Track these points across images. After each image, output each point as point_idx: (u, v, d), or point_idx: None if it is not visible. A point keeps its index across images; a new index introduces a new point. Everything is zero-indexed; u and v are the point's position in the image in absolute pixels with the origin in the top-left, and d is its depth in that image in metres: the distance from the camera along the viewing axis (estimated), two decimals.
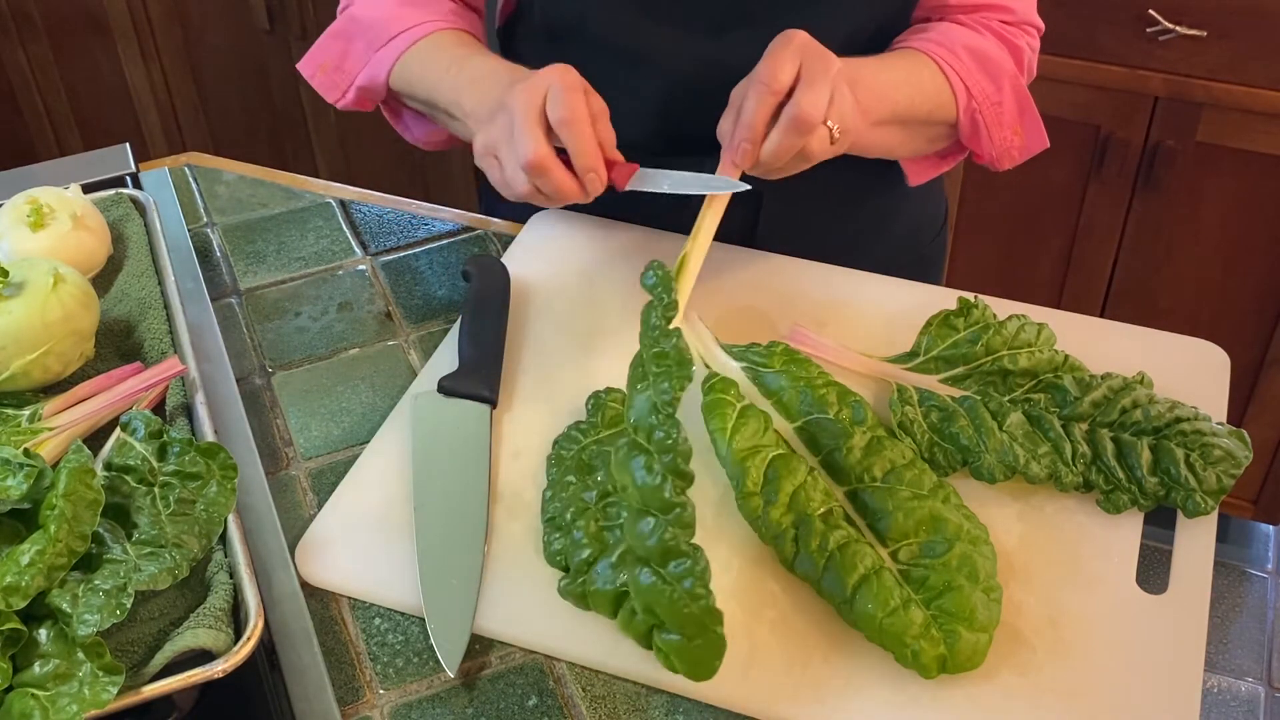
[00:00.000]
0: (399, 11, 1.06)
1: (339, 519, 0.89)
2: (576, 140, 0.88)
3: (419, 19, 1.06)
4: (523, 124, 0.88)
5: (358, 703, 0.79)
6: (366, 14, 1.07)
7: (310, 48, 1.11)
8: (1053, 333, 0.95)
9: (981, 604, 0.77)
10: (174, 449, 0.81)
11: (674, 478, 0.74)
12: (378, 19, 1.06)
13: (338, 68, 1.09)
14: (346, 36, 1.09)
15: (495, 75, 0.97)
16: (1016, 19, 1.09)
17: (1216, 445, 0.87)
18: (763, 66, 0.90)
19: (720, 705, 0.78)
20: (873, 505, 0.83)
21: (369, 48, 1.06)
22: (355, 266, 1.14)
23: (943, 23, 1.07)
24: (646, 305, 0.87)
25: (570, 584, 0.81)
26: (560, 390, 0.97)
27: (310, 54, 1.11)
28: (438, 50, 1.04)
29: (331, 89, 1.10)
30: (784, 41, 0.91)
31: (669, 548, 0.73)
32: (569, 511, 0.84)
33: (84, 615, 0.71)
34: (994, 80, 1.05)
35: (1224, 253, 1.83)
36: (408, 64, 1.04)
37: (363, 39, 1.07)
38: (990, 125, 1.05)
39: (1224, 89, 1.69)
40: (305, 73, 1.11)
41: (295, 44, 2.26)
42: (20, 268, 0.93)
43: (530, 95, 0.89)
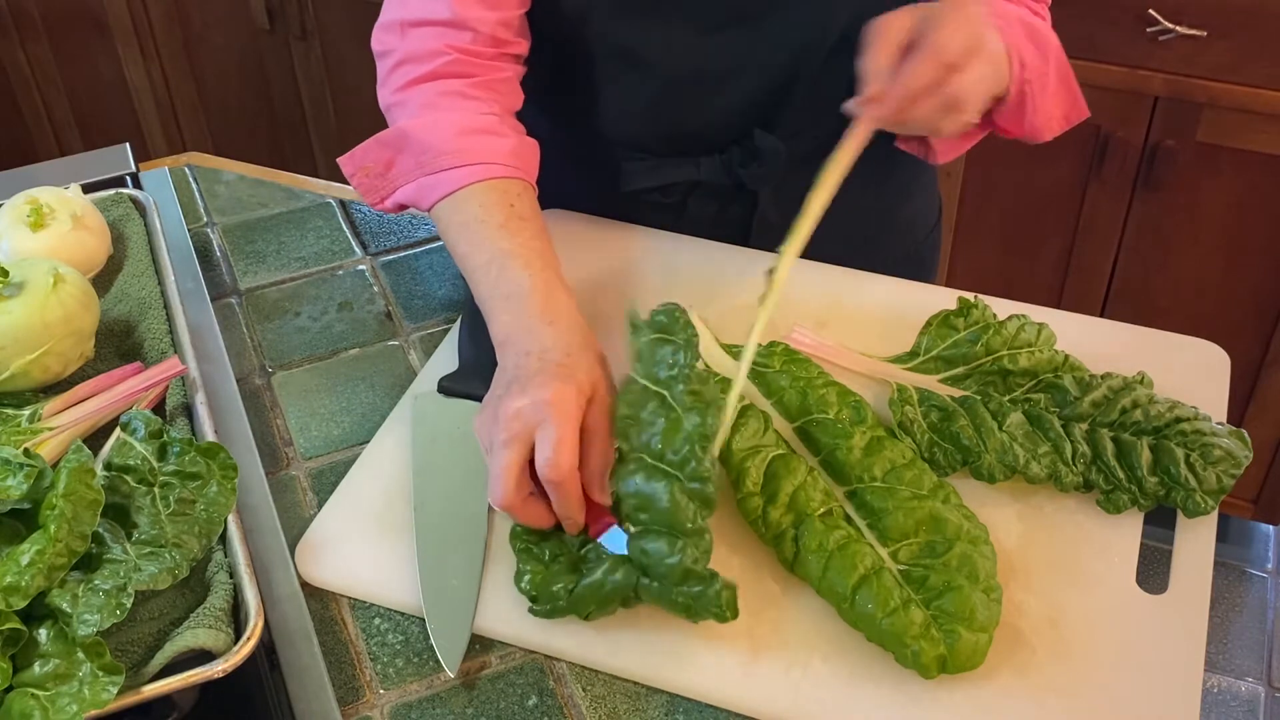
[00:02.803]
0: (455, 141, 0.97)
1: (339, 519, 0.89)
2: (560, 501, 0.81)
3: (473, 158, 0.96)
4: (503, 469, 0.80)
5: (358, 703, 0.79)
6: (420, 135, 0.98)
7: (355, 148, 1.03)
8: (1053, 333, 0.95)
9: (981, 604, 0.77)
10: (174, 449, 0.81)
11: (700, 505, 0.76)
12: (430, 143, 0.97)
13: (382, 175, 1.01)
14: (395, 148, 1.00)
15: (519, 331, 0.88)
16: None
17: (1216, 445, 0.87)
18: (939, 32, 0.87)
19: (720, 705, 0.78)
20: (873, 505, 0.83)
21: (418, 168, 0.98)
22: (355, 266, 1.14)
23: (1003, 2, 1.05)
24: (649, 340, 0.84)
25: (539, 609, 0.80)
26: None
27: (354, 154, 1.02)
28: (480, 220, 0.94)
29: (371, 193, 1.02)
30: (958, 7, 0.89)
31: (689, 571, 0.75)
32: (546, 550, 0.82)
33: (84, 615, 0.71)
34: (1041, 52, 1.04)
35: (1224, 253, 1.83)
36: (449, 212, 0.96)
37: (413, 156, 0.98)
38: (1037, 97, 1.04)
39: (1224, 89, 1.69)
40: (346, 170, 1.03)
41: (295, 44, 2.26)
42: (20, 268, 0.93)
43: (516, 431, 0.81)
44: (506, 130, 1.00)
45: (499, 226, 0.94)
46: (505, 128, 1.00)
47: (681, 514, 0.75)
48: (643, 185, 1.12)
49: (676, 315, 0.85)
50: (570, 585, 0.79)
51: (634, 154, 1.12)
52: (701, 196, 1.13)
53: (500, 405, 0.83)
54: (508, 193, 0.96)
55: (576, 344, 0.86)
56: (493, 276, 0.92)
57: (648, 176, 1.12)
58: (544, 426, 0.80)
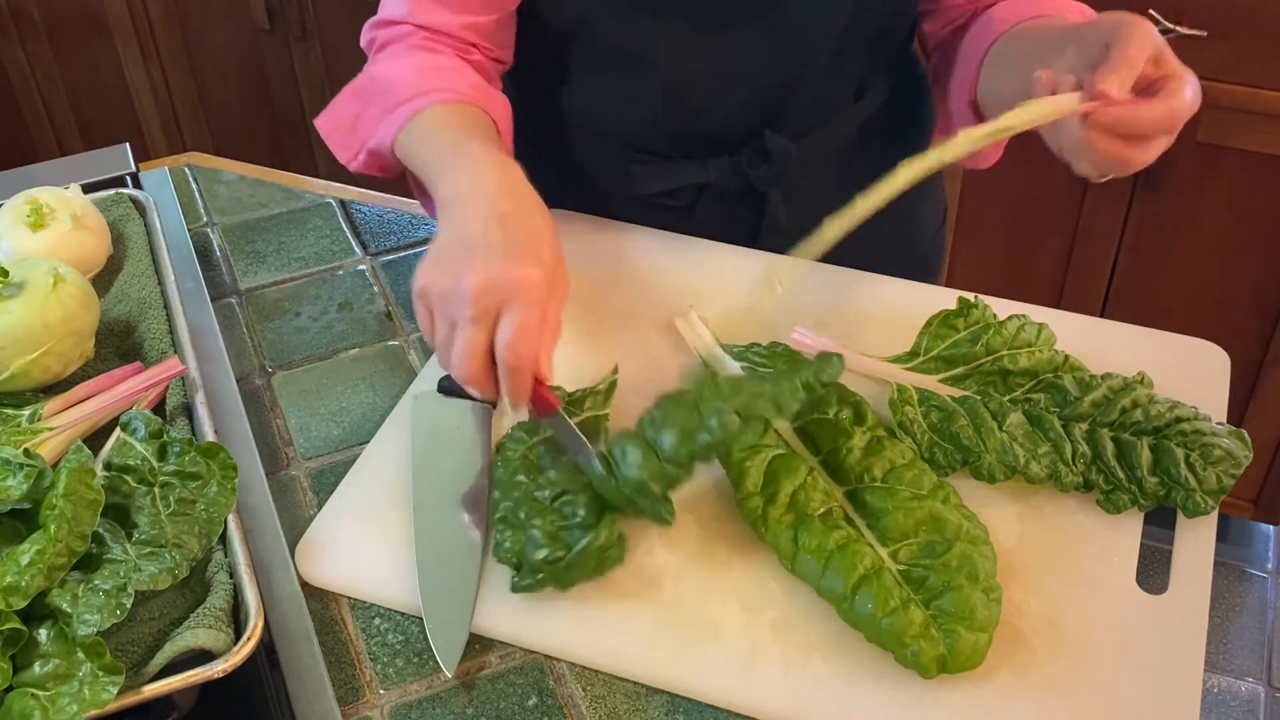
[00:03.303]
0: (416, 76, 0.98)
1: (339, 519, 0.89)
2: (512, 385, 0.81)
3: (433, 86, 0.97)
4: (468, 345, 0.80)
5: (358, 703, 0.79)
6: (385, 75, 1.00)
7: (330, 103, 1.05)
8: (1053, 333, 0.95)
9: (981, 604, 0.77)
10: (174, 449, 0.81)
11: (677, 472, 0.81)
12: (393, 81, 0.99)
13: (351, 128, 1.02)
14: (363, 97, 1.02)
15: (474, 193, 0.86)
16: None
17: (1216, 445, 0.87)
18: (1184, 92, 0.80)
19: (720, 705, 0.78)
20: (873, 505, 0.83)
21: (382, 111, 0.99)
22: (355, 266, 1.14)
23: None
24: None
25: (523, 580, 0.81)
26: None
27: (329, 110, 1.04)
28: (441, 125, 0.95)
29: (343, 149, 1.03)
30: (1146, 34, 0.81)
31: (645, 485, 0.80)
32: (522, 511, 0.83)
33: (84, 615, 0.71)
34: None
35: (1224, 253, 1.83)
36: (410, 132, 0.96)
37: (377, 101, 1.00)
38: None
39: (1224, 89, 1.69)
40: (322, 129, 1.04)
41: (295, 44, 2.26)
42: (20, 268, 0.93)
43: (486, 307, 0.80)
44: (469, 71, 1.01)
45: (460, 128, 0.93)
46: (468, 70, 1.01)
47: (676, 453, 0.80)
48: (652, 188, 1.12)
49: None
50: (551, 555, 0.80)
51: (643, 157, 1.12)
52: (710, 199, 1.13)
53: (466, 273, 0.80)
54: (466, 111, 0.96)
55: (539, 222, 0.85)
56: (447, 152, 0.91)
57: (657, 179, 1.12)
58: (511, 308, 0.79)
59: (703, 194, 1.13)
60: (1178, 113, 0.81)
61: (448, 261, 0.82)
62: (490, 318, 0.80)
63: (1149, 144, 0.82)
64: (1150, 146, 0.82)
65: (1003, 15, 1.03)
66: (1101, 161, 0.82)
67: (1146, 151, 0.82)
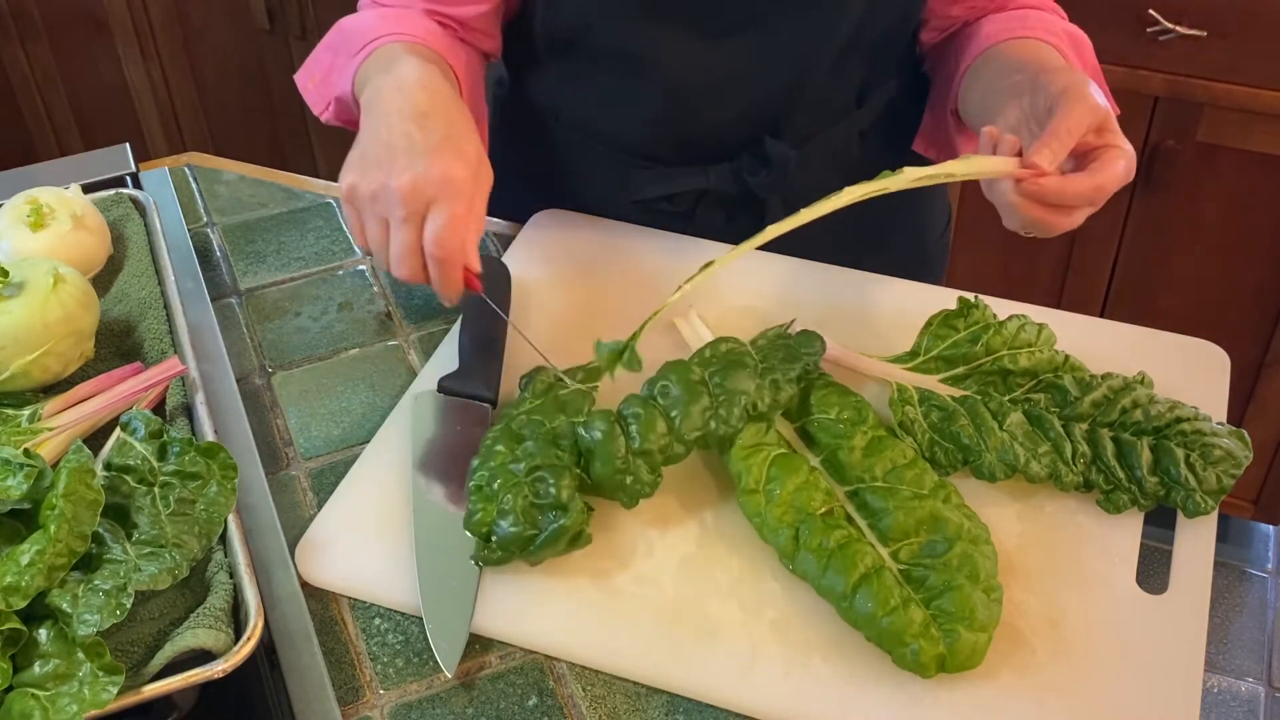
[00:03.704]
0: (379, 23, 1.01)
1: (339, 519, 0.89)
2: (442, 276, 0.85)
3: (395, 30, 0.99)
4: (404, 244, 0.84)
5: (358, 703, 0.79)
6: (351, 25, 1.03)
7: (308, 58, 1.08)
8: (1053, 333, 0.95)
9: (981, 604, 0.77)
10: (174, 449, 0.81)
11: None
12: (360, 29, 1.01)
13: (324, 80, 1.05)
14: (334, 49, 1.04)
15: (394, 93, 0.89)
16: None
17: (1216, 445, 0.87)
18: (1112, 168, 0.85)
19: (720, 705, 0.78)
20: (874, 504, 0.83)
21: (346, 58, 1.02)
22: (355, 266, 1.14)
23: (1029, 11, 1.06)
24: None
25: (491, 553, 0.82)
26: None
27: (305, 65, 1.07)
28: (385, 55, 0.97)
29: (318, 101, 1.06)
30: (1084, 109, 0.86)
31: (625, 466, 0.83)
32: (497, 481, 0.84)
33: (84, 615, 0.71)
34: (1083, 60, 1.05)
35: (1224, 253, 1.83)
36: (363, 70, 0.98)
37: (344, 50, 1.02)
38: None
39: (1224, 89, 1.69)
40: (300, 83, 1.08)
41: (295, 44, 2.26)
42: (20, 268, 0.93)
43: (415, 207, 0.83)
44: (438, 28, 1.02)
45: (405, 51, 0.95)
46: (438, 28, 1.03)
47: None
48: (652, 194, 1.12)
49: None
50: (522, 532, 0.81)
51: (643, 163, 1.12)
52: (710, 205, 1.13)
53: (392, 175, 0.83)
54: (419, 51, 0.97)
55: (458, 117, 0.87)
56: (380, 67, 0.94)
57: (657, 185, 1.12)
58: (438, 204, 0.83)
59: (702, 200, 1.13)
60: (1104, 188, 0.85)
61: (372, 163, 0.85)
62: (420, 216, 0.84)
63: (1073, 213, 0.86)
64: (1074, 215, 0.87)
65: (988, 31, 1.06)
66: (1026, 224, 0.87)
67: (1070, 219, 0.87)
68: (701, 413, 0.86)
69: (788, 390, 0.88)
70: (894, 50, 1.11)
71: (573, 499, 0.82)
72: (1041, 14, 1.05)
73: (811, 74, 1.04)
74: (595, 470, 0.84)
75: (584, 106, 1.11)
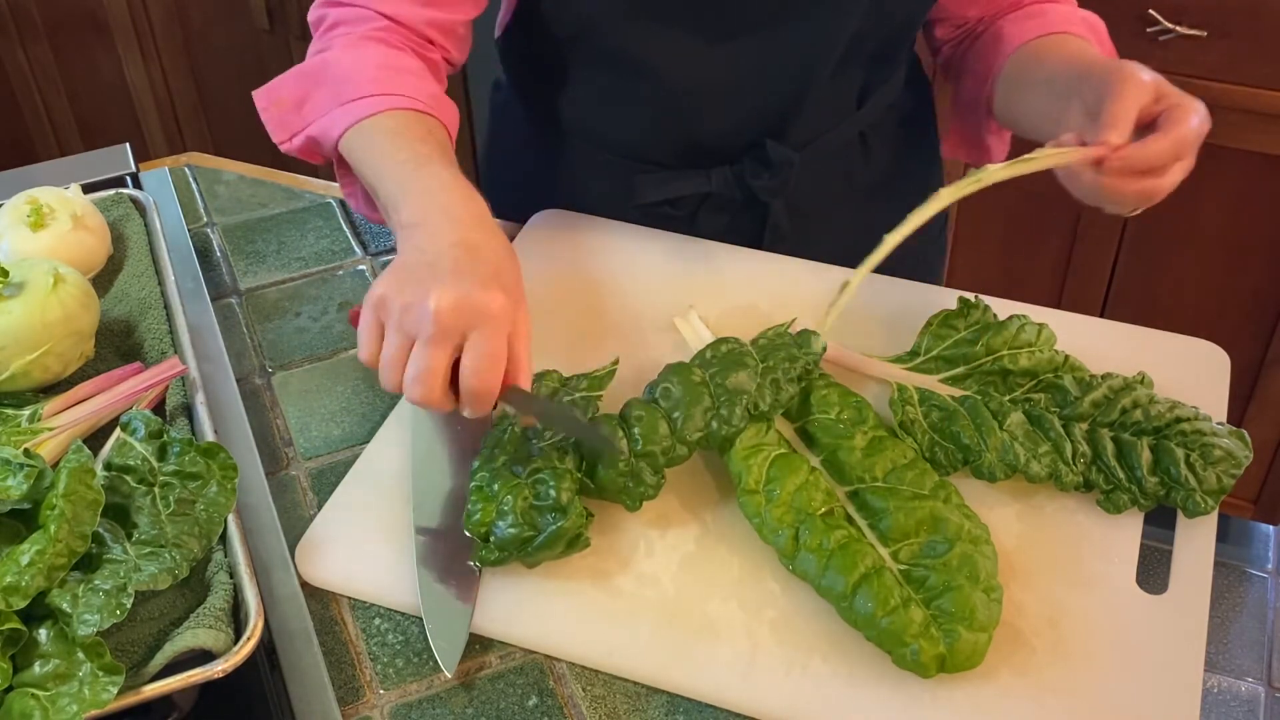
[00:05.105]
0: (375, 73, 0.94)
1: (339, 519, 0.89)
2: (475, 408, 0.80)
3: (393, 89, 0.94)
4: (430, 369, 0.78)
5: (358, 703, 0.79)
6: (340, 65, 0.96)
7: (273, 79, 1.00)
8: (1053, 333, 0.95)
9: (981, 604, 0.77)
10: (174, 449, 0.81)
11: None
12: (350, 73, 0.95)
13: (295, 109, 0.98)
14: (314, 80, 0.97)
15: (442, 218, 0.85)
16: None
17: (1216, 445, 0.87)
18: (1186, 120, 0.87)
19: (720, 705, 0.78)
20: (874, 505, 0.83)
21: (333, 99, 0.95)
22: (355, 266, 1.14)
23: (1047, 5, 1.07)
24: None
25: (489, 554, 0.82)
26: None
27: (271, 86, 1.00)
28: (400, 136, 0.91)
29: (281, 128, 0.99)
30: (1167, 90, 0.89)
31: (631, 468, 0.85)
32: (497, 483, 0.84)
33: (84, 615, 0.71)
34: (1101, 43, 1.06)
35: (1224, 253, 1.83)
36: (364, 132, 0.93)
37: (330, 88, 0.96)
38: None
39: (1224, 89, 1.69)
40: (259, 104, 1.00)
41: (295, 44, 2.26)
42: (20, 268, 0.93)
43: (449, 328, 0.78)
44: (429, 78, 0.98)
45: (417, 139, 0.91)
46: (428, 76, 0.98)
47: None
48: (654, 198, 1.11)
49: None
50: (520, 534, 0.81)
51: (645, 166, 1.12)
52: (712, 208, 1.13)
53: (433, 294, 0.78)
54: (425, 121, 0.93)
55: (504, 257, 0.84)
56: (409, 171, 0.88)
57: (659, 189, 1.11)
58: (479, 333, 0.78)
59: (704, 203, 1.13)
60: (1186, 139, 0.86)
61: (413, 279, 0.80)
62: (451, 340, 0.78)
63: (1166, 173, 0.86)
64: (1169, 175, 0.87)
65: (1012, 31, 1.06)
66: (1126, 199, 0.87)
67: (1166, 180, 0.87)
68: (703, 414, 0.86)
69: (789, 389, 0.88)
70: (896, 53, 1.11)
71: (572, 502, 0.82)
72: (1059, 8, 1.06)
73: (815, 77, 1.04)
74: (599, 474, 0.84)
75: (585, 110, 1.11)
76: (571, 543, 0.82)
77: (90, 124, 2.49)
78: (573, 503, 0.82)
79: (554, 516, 0.82)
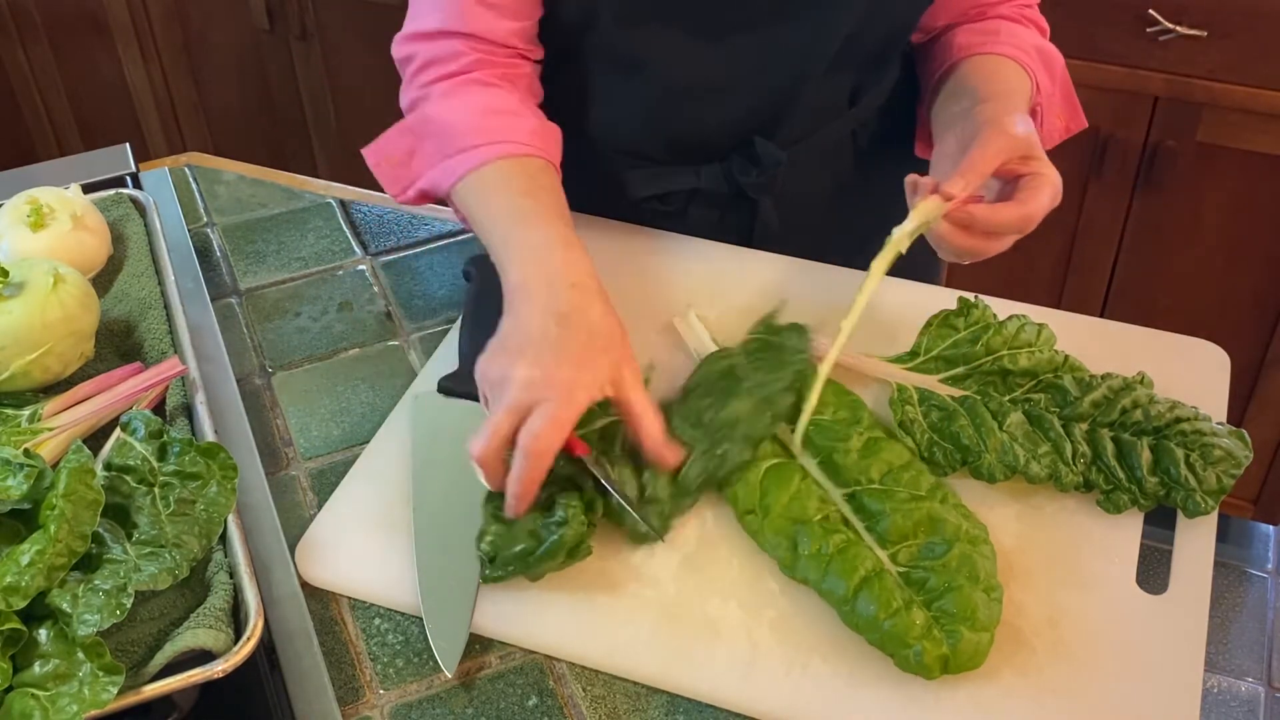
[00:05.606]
0: (477, 121, 0.97)
1: (339, 519, 0.89)
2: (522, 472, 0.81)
3: (495, 136, 0.96)
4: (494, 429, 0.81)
5: (358, 703, 0.79)
6: (442, 117, 0.99)
7: (378, 137, 1.03)
8: (1053, 333, 0.95)
9: (982, 604, 0.77)
10: (174, 449, 0.81)
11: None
12: (452, 125, 0.98)
13: (404, 164, 1.02)
14: (417, 135, 1.01)
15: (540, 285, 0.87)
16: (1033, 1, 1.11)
17: (1216, 445, 0.87)
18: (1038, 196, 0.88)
19: (720, 705, 0.78)
20: (871, 507, 0.83)
21: (439, 152, 0.98)
22: (355, 266, 1.14)
23: (1003, 23, 1.07)
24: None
25: (494, 572, 0.81)
26: None
27: (377, 143, 1.03)
28: (500, 192, 0.95)
29: (394, 183, 1.02)
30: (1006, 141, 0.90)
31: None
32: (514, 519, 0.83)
33: (84, 615, 0.71)
34: (1050, 73, 1.07)
35: (1224, 253, 1.83)
36: (470, 187, 0.96)
37: (434, 141, 0.99)
38: (1045, 114, 1.08)
39: (1224, 89, 1.69)
40: (370, 160, 1.04)
41: (295, 44, 2.26)
42: (20, 268, 0.93)
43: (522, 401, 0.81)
44: (526, 112, 1.00)
45: (521, 193, 0.94)
46: (526, 110, 1.00)
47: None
48: (644, 193, 1.12)
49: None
50: (526, 549, 0.81)
51: (635, 162, 1.12)
52: (702, 204, 1.13)
53: (517, 366, 0.82)
54: (529, 167, 0.96)
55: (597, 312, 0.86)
56: (512, 229, 0.92)
57: (649, 185, 1.12)
58: (546, 403, 0.80)
59: (693, 199, 1.13)
60: (1033, 217, 0.89)
61: (506, 351, 0.84)
62: (522, 412, 0.81)
63: (1002, 239, 0.90)
64: (1003, 240, 0.90)
65: (960, 42, 1.08)
66: (956, 251, 0.90)
67: (999, 244, 0.90)
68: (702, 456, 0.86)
69: (782, 402, 0.88)
70: (889, 54, 1.11)
71: (576, 516, 0.82)
72: (1014, 28, 1.06)
73: (808, 77, 1.04)
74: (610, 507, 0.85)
75: (576, 105, 1.11)
76: (573, 552, 0.82)
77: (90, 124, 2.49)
78: (576, 516, 0.82)
79: (556, 528, 0.81)
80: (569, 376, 0.82)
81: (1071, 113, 1.12)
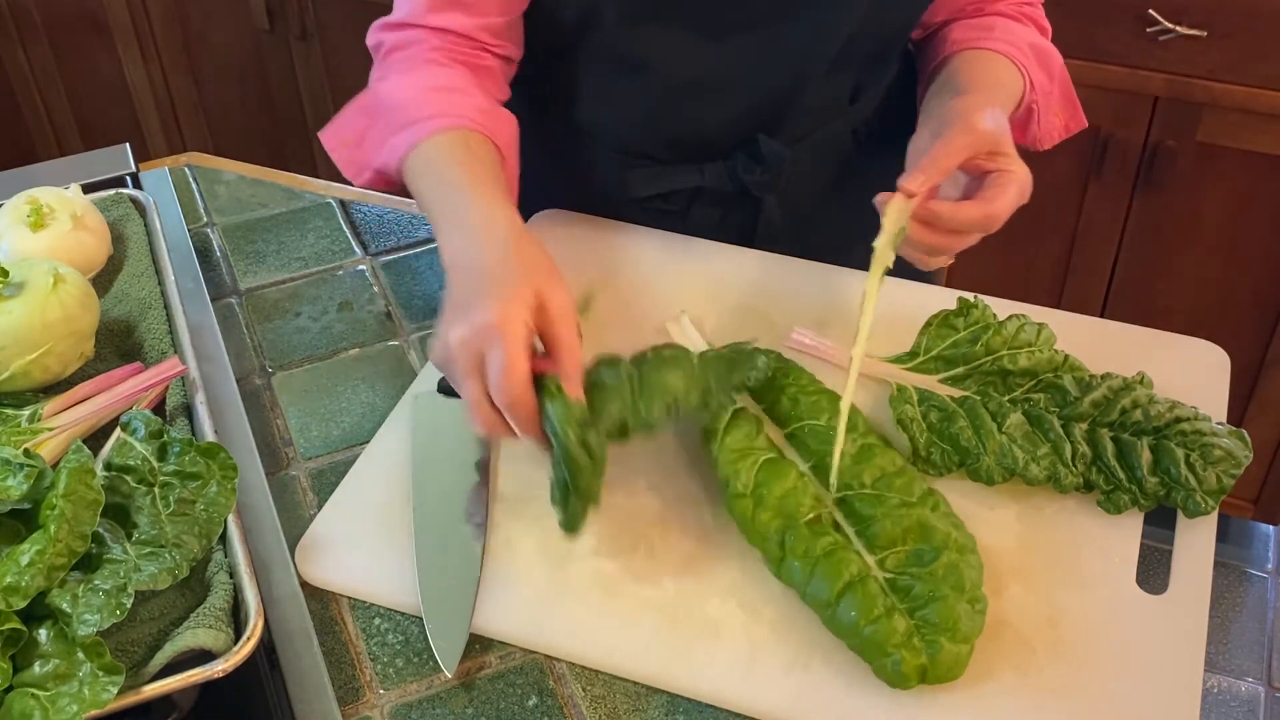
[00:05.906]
0: (423, 97, 0.97)
1: (339, 519, 0.89)
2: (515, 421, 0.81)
3: (438, 110, 0.95)
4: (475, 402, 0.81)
5: (358, 703, 0.79)
6: (392, 94, 0.98)
7: (334, 118, 1.03)
8: (1053, 333, 0.95)
9: (965, 615, 0.76)
10: (174, 449, 0.81)
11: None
12: (399, 101, 0.97)
13: (358, 145, 1.01)
14: (370, 114, 1.01)
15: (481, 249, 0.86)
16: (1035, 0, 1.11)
17: (1216, 445, 0.87)
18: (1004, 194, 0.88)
19: (720, 705, 0.78)
20: (862, 511, 0.82)
21: (387, 130, 0.97)
22: (355, 266, 1.14)
23: (999, 19, 1.07)
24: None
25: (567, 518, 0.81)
26: None
27: (334, 124, 1.03)
28: (443, 161, 0.94)
29: (349, 165, 1.02)
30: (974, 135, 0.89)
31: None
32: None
33: (84, 615, 0.71)
34: (1047, 71, 1.07)
35: (1224, 253, 1.83)
36: (412, 165, 0.95)
37: (383, 119, 0.98)
38: (1042, 112, 1.07)
39: (1224, 89, 1.69)
40: (327, 145, 1.03)
41: (295, 44, 2.26)
42: (20, 268, 0.93)
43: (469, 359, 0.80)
44: (476, 92, 0.99)
45: (456, 164, 0.93)
46: (476, 91, 1.00)
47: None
48: (647, 192, 1.12)
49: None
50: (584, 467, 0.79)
51: (638, 161, 1.12)
52: (705, 203, 1.13)
53: (450, 335, 0.81)
54: (469, 140, 0.95)
55: (513, 255, 0.85)
56: (442, 204, 0.91)
57: (652, 184, 1.12)
58: (490, 352, 0.79)
59: (697, 197, 1.13)
60: (996, 217, 0.88)
61: (442, 324, 0.83)
62: (476, 369, 0.80)
63: (965, 237, 0.89)
64: (966, 238, 0.89)
65: (954, 37, 1.08)
66: (919, 247, 0.90)
67: (962, 241, 0.90)
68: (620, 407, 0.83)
69: (719, 399, 0.87)
70: (890, 53, 1.11)
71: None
72: (1010, 24, 1.06)
73: (810, 76, 1.04)
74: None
75: (579, 104, 1.11)
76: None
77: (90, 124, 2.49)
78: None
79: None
80: (494, 314, 0.80)
81: (1071, 112, 1.12)
